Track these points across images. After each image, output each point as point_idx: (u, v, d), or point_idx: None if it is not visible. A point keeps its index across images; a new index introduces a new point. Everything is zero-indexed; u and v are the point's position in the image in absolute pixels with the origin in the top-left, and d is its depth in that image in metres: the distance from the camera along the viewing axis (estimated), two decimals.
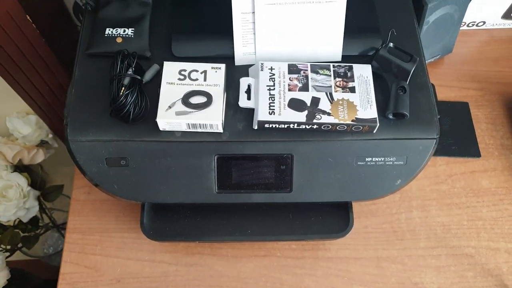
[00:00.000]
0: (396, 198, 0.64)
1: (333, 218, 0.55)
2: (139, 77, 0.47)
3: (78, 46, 0.53)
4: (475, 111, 0.71)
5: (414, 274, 0.59)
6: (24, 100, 0.74)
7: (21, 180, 0.77)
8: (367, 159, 0.50)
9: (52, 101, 0.79)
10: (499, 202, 0.64)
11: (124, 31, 0.53)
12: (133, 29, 0.53)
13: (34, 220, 0.86)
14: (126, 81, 0.46)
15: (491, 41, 0.79)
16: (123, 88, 0.45)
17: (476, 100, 0.72)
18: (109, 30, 0.53)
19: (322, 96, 0.48)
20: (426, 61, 0.63)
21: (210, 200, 0.50)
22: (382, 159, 0.50)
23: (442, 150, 0.67)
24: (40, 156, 0.82)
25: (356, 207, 0.62)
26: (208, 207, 0.55)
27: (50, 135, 0.84)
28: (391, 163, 0.50)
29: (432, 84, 0.55)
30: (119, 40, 0.52)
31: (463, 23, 0.78)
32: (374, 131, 0.48)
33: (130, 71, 0.47)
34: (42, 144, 0.84)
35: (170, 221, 0.55)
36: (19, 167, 0.81)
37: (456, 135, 0.69)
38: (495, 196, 0.65)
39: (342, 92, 0.49)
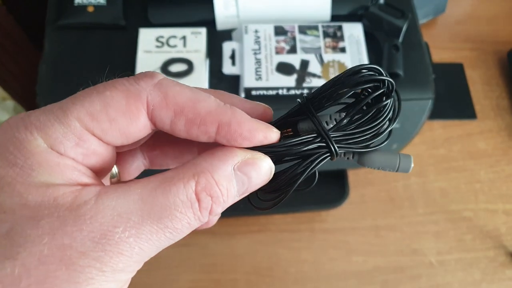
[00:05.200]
0: None
1: (329, 188, 0.54)
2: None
3: (47, 17, 0.49)
4: (470, 72, 0.69)
5: (413, 240, 0.58)
6: None
7: None
8: None
9: (28, 84, 0.75)
10: (496, 164, 0.63)
11: None
12: None
13: None
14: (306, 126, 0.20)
15: None
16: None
17: (470, 61, 0.70)
18: None
19: (312, 58, 0.45)
20: (419, 22, 0.60)
21: None
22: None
23: (438, 113, 0.65)
24: None
25: (352, 176, 0.60)
26: None
27: None
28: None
29: (426, 43, 0.52)
30: (90, 9, 0.48)
31: None
32: None
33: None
34: None
35: None
36: None
37: (451, 97, 0.67)
38: (492, 157, 0.63)
39: (333, 53, 0.46)
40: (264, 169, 0.18)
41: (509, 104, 0.67)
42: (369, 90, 0.19)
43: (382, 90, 0.18)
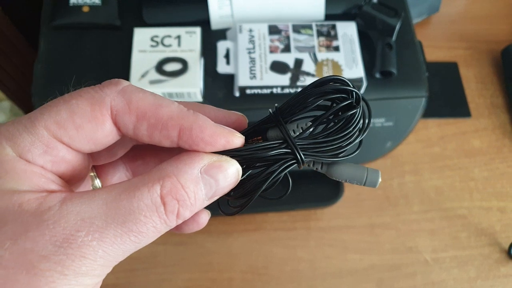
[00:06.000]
0: (388, 163, 0.62)
1: (324, 186, 0.54)
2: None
3: (42, 18, 0.49)
4: (464, 70, 0.70)
5: (408, 238, 0.58)
6: None
7: None
8: None
9: (25, 85, 0.75)
10: (490, 162, 0.63)
11: None
12: None
13: None
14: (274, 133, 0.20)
15: None
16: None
17: (465, 60, 0.70)
18: None
19: (306, 57, 0.45)
20: (413, 22, 0.61)
21: None
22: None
23: (433, 111, 0.65)
24: None
25: None
26: None
27: None
28: (380, 124, 0.49)
29: (419, 41, 0.52)
30: (85, 9, 0.49)
31: None
32: (361, 91, 0.46)
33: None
34: None
35: None
36: None
37: (446, 96, 0.67)
38: (486, 155, 0.64)
39: (326, 52, 0.46)
40: (231, 172, 0.18)
41: (503, 102, 0.68)
42: (337, 101, 0.19)
43: (349, 101, 0.19)
